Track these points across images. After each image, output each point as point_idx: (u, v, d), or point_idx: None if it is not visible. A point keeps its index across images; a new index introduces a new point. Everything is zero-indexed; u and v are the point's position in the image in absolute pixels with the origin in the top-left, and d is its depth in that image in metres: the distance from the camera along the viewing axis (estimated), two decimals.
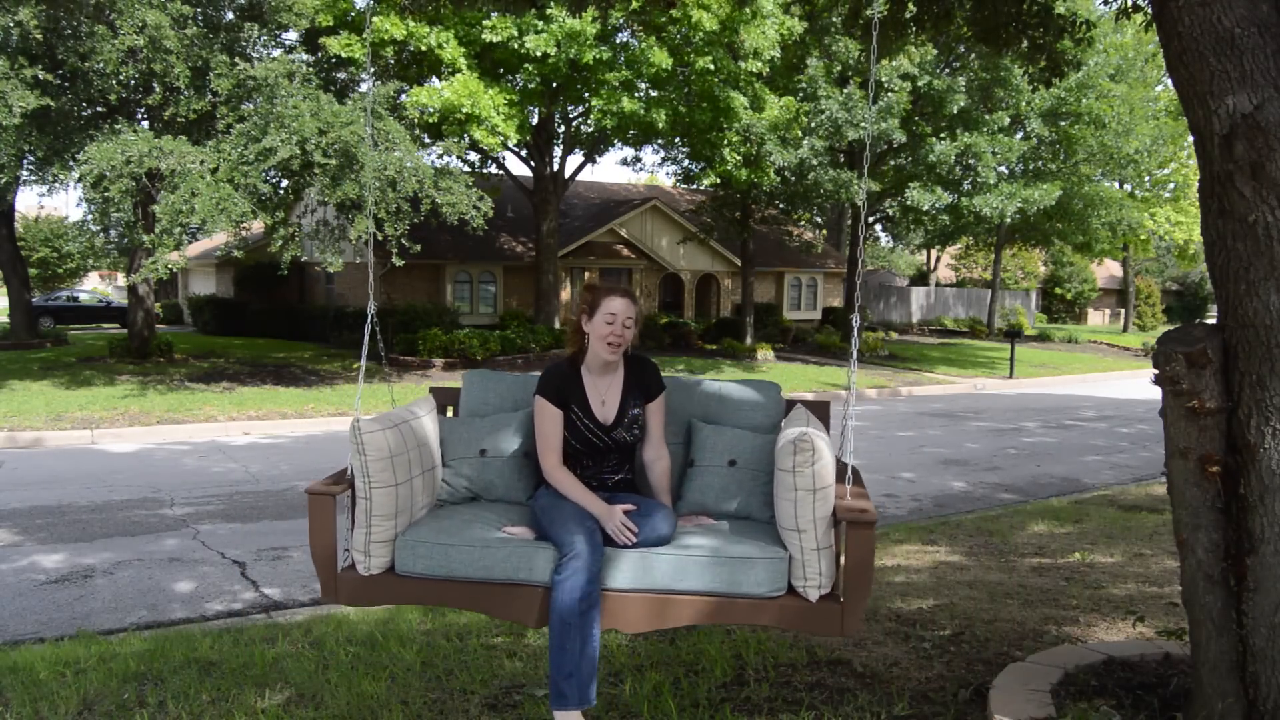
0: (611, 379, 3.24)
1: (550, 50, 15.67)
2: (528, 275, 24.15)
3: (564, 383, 3.20)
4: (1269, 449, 2.71)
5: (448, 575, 2.90)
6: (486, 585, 2.89)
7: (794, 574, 2.83)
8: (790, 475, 2.74)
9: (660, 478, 3.24)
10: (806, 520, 2.75)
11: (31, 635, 4.78)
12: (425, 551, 2.92)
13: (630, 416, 3.22)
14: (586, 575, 2.77)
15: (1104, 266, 49.02)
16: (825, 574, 2.80)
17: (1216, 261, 2.85)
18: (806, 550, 2.78)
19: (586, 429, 3.18)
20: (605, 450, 3.21)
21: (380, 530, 2.93)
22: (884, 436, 12.36)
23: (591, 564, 2.78)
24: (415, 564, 2.92)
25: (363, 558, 2.94)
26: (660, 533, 2.90)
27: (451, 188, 15.00)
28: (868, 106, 3.09)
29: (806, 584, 2.81)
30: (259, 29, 15.56)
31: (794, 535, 2.79)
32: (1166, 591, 5.01)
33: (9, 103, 12.69)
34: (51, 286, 36.43)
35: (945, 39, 18.64)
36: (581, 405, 3.19)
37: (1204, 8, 2.74)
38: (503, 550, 2.90)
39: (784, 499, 2.79)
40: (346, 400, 14.49)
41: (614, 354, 3.14)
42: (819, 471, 2.72)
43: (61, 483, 8.69)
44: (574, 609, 2.74)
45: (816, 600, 2.81)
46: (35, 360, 17.75)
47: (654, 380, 3.28)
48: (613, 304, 3.13)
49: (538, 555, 2.88)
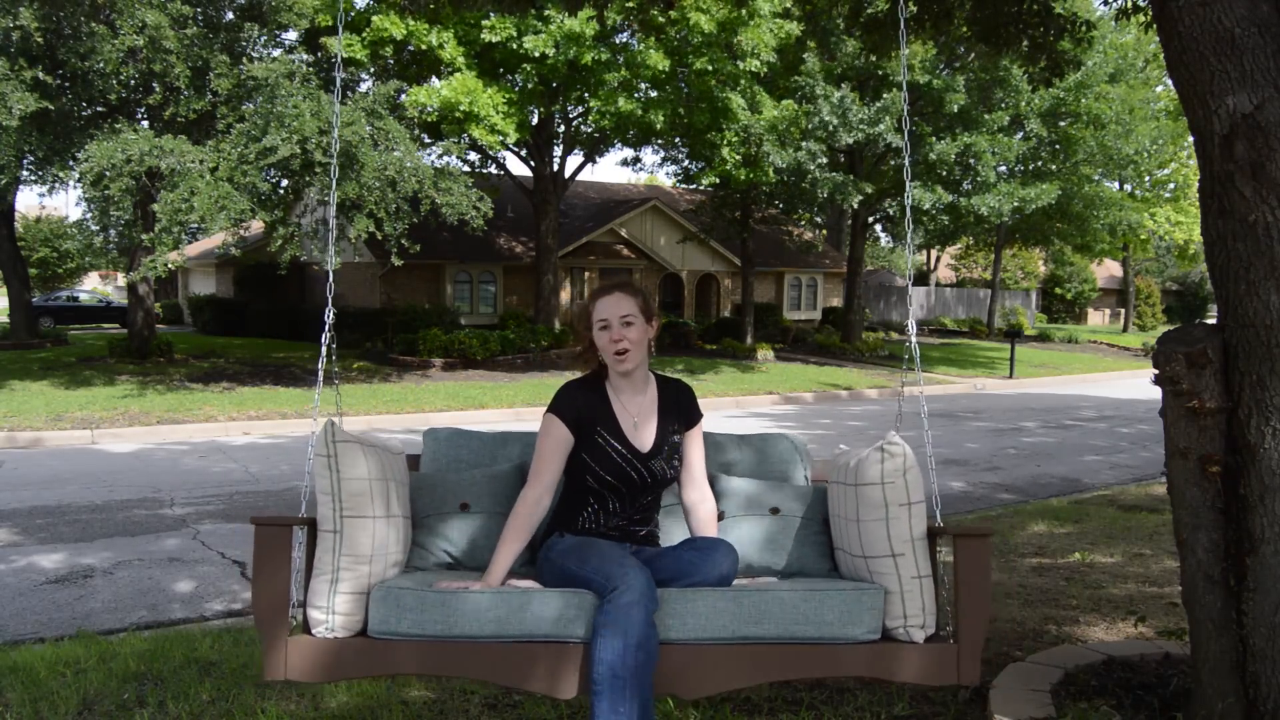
0: (642, 400, 2.69)
1: (549, 51, 15.68)
2: (528, 275, 24.16)
3: (585, 401, 2.63)
4: (1269, 449, 2.71)
5: (446, 634, 2.25)
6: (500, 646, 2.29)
7: (890, 613, 2.38)
8: (879, 489, 2.39)
9: (708, 524, 2.69)
10: (903, 541, 2.36)
11: (31, 635, 4.78)
12: (413, 602, 2.24)
13: (670, 445, 2.68)
14: (644, 614, 2.20)
15: (1104, 266, 49.00)
16: (928, 610, 2.40)
17: (1216, 261, 2.85)
18: (905, 579, 2.36)
19: (620, 457, 2.60)
20: (640, 486, 2.63)
21: (350, 577, 2.30)
22: (884, 437, 12.35)
23: (648, 601, 2.22)
24: (400, 620, 2.26)
25: (324, 615, 2.30)
26: (722, 570, 2.42)
27: (451, 188, 15.00)
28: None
29: (908, 623, 2.37)
30: (259, 29, 15.56)
31: (888, 563, 2.37)
32: (1166, 591, 5.01)
33: (9, 104, 12.69)
34: (51, 286, 36.42)
35: (945, 39, 18.66)
36: (610, 428, 2.61)
37: (1204, 8, 2.74)
38: (519, 598, 2.28)
39: (870, 520, 2.41)
40: (346, 400, 14.46)
41: (625, 362, 2.60)
42: (913, 482, 2.40)
43: (61, 483, 8.69)
44: (628, 659, 2.15)
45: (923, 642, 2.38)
46: (35, 360, 17.75)
47: (690, 404, 2.77)
48: (601, 308, 2.61)
49: (569, 600, 2.29)
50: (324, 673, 2.31)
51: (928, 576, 2.41)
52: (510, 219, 25.51)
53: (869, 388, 18.28)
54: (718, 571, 2.41)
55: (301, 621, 2.36)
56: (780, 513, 2.77)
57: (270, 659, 2.28)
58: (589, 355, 2.69)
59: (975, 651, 2.33)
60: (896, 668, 2.34)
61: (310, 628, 2.33)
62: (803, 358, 23.24)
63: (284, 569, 2.27)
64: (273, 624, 2.27)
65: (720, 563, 2.43)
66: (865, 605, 2.34)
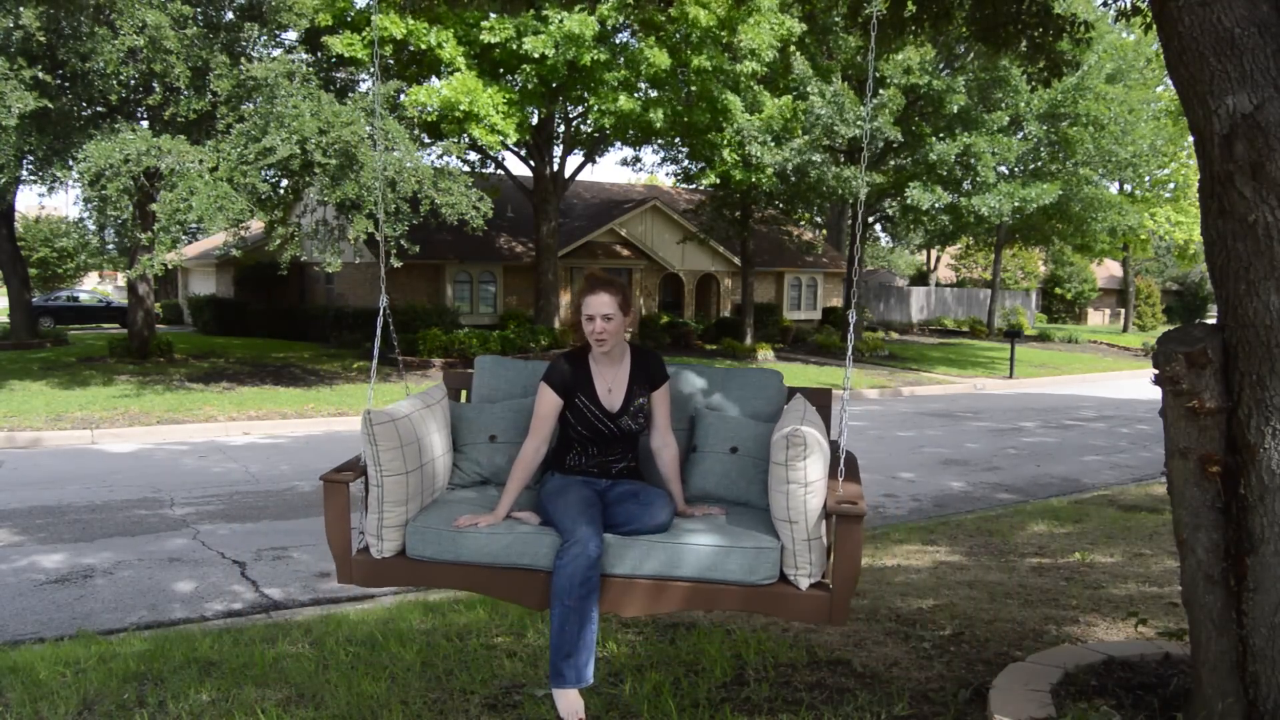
0: (618, 369, 3.33)
1: (549, 51, 15.67)
2: (528, 275, 24.15)
3: (571, 372, 3.29)
4: (1269, 449, 2.71)
5: (455, 559, 3.01)
6: (491, 570, 3.00)
7: (786, 563, 2.90)
8: (783, 469, 2.81)
9: (668, 465, 3.32)
10: (797, 513, 2.82)
11: (31, 635, 4.78)
12: (434, 537, 3.04)
13: (636, 405, 3.30)
14: (586, 561, 2.86)
15: (1104, 266, 49.01)
16: (815, 564, 2.88)
17: (1216, 261, 2.85)
18: (798, 541, 2.85)
19: (594, 416, 3.26)
20: (611, 438, 3.30)
21: (392, 516, 3.03)
22: (884, 436, 12.36)
23: (592, 550, 2.88)
24: (425, 549, 3.04)
25: (375, 542, 3.05)
26: (658, 521, 3.00)
27: (451, 188, 14.99)
28: (866, 102, 3.10)
29: (797, 573, 2.89)
30: (259, 29, 15.56)
31: (786, 526, 2.86)
32: (1166, 591, 5.01)
33: (8, 104, 12.69)
34: (51, 286, 36.41)
35: (945, 38, 18.65)
36: (588, 393, 3.28)
37: (1204, 8, 2.74)
38: (508, 537, 3.01)
39: (777, 491, 2.87)
40: (346, 400, 14.48)
41: (602, 347, 3.23)
42: (809, 466, 2.79)
43: (61, 483, 8.69)
44: (574, 593, 2.85)
45: (806, 589, 2.88)
46: (35, 360, 17.75)
47: (658, 370, 3.38)
48: (588, 304, 3.23)
49: (541, 541, 2.98)
50: (376, 580, 3.08)
51: (818, 539, 2.87)
52: (510, 219, 25.50)
53: (869, 388, 18.29)
54: (655, 521, 2.99)
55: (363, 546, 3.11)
56: (738, 452, 3.34)
57: (340, 570, 3.07)
58: (578, 332, 3.32)
59: (844, 599, 2.83)
60: (782, 607, 2.89)
61: (368, 549, 3.08)
62: (802, 358, 23.25)
63: (345, 511, 3.03)
64: (341, 548, 3.04)
65: (658, 514, 3.01)
66: (762, 560, 2.89)
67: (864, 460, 10.26)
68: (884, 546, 6.37)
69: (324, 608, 5.26)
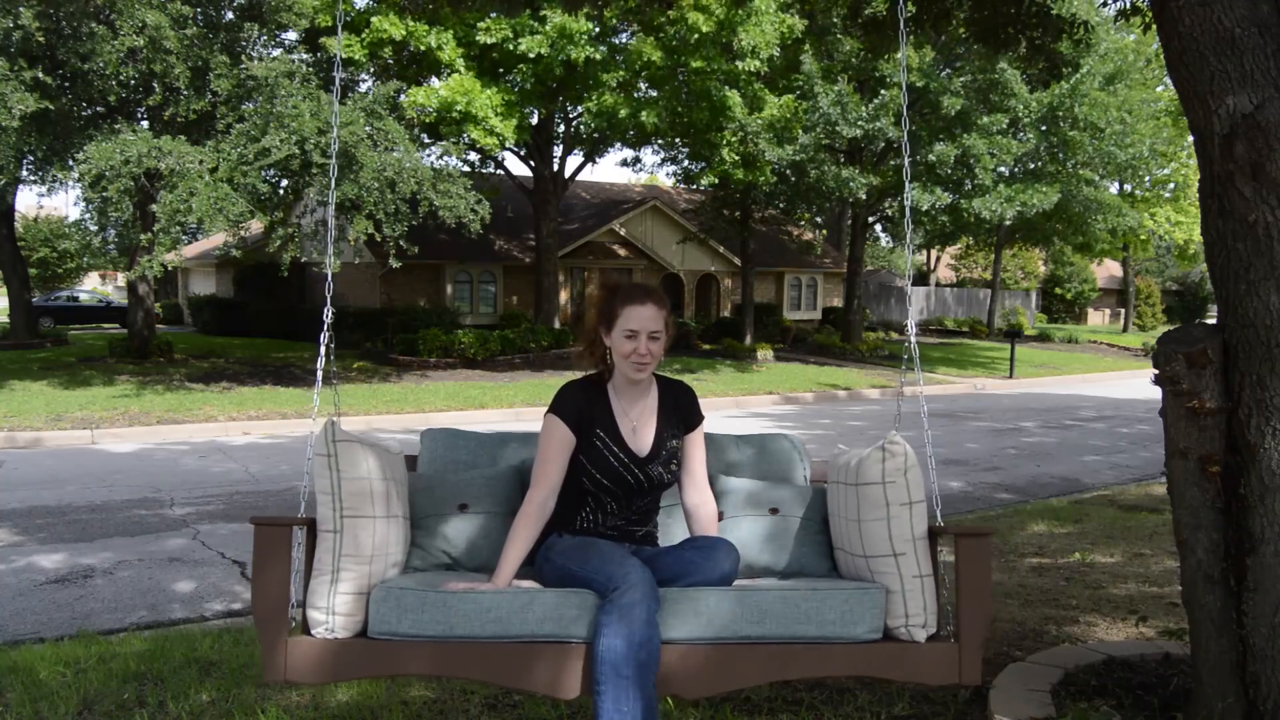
0: (643, 404, 2.66)
1: (544, 51, 15.67)
2: (528, 275, 24.16)
3: (586, 402, 2.60)
4: (1269, 449, 2.71)
5: (447, 635, 2.24)
6: (502, 645, 2.27)
7: (892, 613, 2.38)
8: (880, 488, 2.39)
9: (709, 527, 2.67)
10: (904, 540, 2.36)
11: (31, 635, 4.78)
12: (414, 602, 2.23)
13: (669, 449, 2.65)
14: (646, 613, 2.18)
15: (1104, 266, 49.00)
16: (929, 609, 2.40)
17: (1216, 261, 2.85)
18: (907, 578, 2.36)
19: (616, 460, 2.58)
20: (636, 490, 2.62)
21: (350, 577, 2.29)
22: (884, 437, 12.35)
23: (651, 600, 2.21)
24: (400, 621, 2.25)
25: (324, 616, 2.29)
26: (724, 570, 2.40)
27: (449, 190, 14.98)
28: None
29: (909, 622, 2.37)
30: (259, 29, 15.56)
31: (889, 562, 2.37)
32: (1166, 591, 5.01)
33: (9, 104, 12.69)
34: (51, 286, 36.41)
35: (944, 39, 18.64)
36: (609, 431, 2.59)
37: (1204, 8, 2.74)
38: (521, 598, 2.27)
39: (871, 520, 2.41)
40: (346, 400, 14.47)
41: (642, 373, 2.58)
42: (914, 481, 2.40)
43: (61, 483, 8.69)
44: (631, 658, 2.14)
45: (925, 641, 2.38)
46: (35, 360, 17.75)
47: (692, 407, 2.74)
48: (632, 316, 2.53)
49: (569, 600, 2.28)
50: (324, 674, 2.30)
51: (929, 575, 2.41)
52: (510, 219, 25.51)
53: (869, 388, 18.28)
54: (719, 571, 2.40)
55: (301, 622, 2.35)
56: (779, 513, 2.76)
57: (270, 660, 2.26)
58: (594, 351, 2.64)
59: (976, 650, 2.34)
60: (898, 667, 2.33)
61: (310, 628, 2.31)
62: (802, 358, 23.24)
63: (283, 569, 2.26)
64: (272, 624, 2.26)
65: (721, 562, 2.42)
66: (867, 604, 2.33)
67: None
68: None
69: None
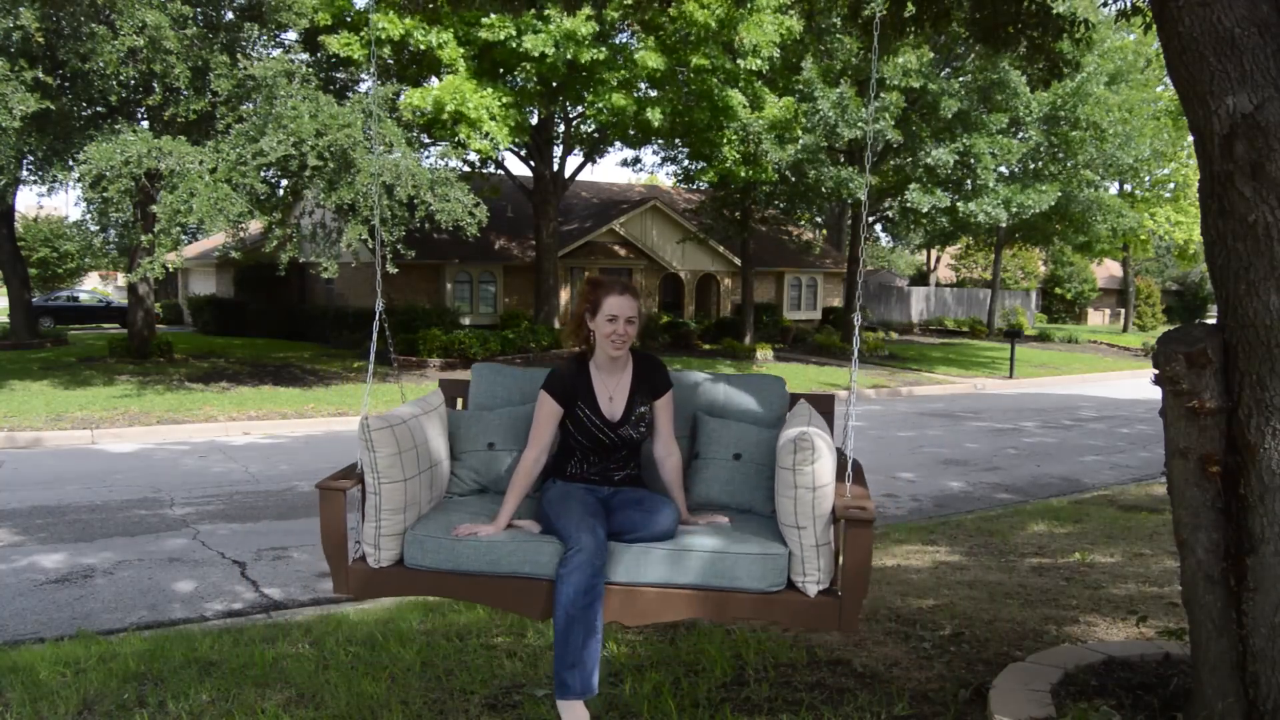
0: (620, 377, 3.27)
1: (548, 50, 15.66)
2: (528, 275, 24.15)
3: (571, 380, 3.23)
4: (1269, 449, 2.71)
5: (454, 568, 2.96)
6: (492, 578, 2.94)
7: (794, 570, 2.86)
8: (790, 473, 2.77)
9: (672, 474, 3.27)
10: (806, 517, 2.78)
11: (31, 635, 4.78)
12: (433, 546, 2.98)
13: (637, 414, 3.25)
14: (591, 569, 2.82)
15: (1104, 266, 49.00)
16: (824, 570, 2.84)
17: (1216, 261, 2.85)
18: (806, 547, 2.82)
19: (594, 426, 3.21)
20: (612, 447, 3.24)
21: (389, 524, 2.98)
22: (884, 436, 12.36)
23: (596, 558, 2.84)
24: (423, 557, 2.98)
25: (373, 551, 3.01)
26: (662, 527, 2.95)
27: (447, 193, 14.95)
28: (868, 103, 3.13)
29: (805, 580, 2.84)
30: (258, 29, 15.56)
31: (793, 531, 2.83)
32: (1166, 591, 5.01)
33: (9, 105, 12.69)
34: (51, 286, 36.40)
35: (944, 39, 18.64)
36: (589, 402, 3.22)
37: (1204, 8, 2.74)
38: (509, 545, 2.95)
39: (784, 496, 2.83)
40: (346, 400, 14.48)
41: (619, 351, 3.18)
42: (818, 470, 2.75)
43: (61, 483, 8.69)
44: (578, 601, 2.80)
45: (814, 595, 2.84)
46: (35, 360, 17.75)
47: (661, 378, 3.33)
48: (612, 304, 3.17)
49: (543, 549, 2.93)
50: (371, 591, 3.06)
51: (826, 545, 2.83)
52: (510, 219, 25.50)
53: (869, 387, 18.29)
54: (659, 528, 2.94)
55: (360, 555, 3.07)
56: (741, 458, 3.30)
57: (336, 581, 3.04)
58: (579, 333, 3.25)
59: (855, 607, 2.80)
60: (789, 614, 2.86)
61: (365, 559, 3.05)
62: (802, 358, 23.24)
63: (341, 517, 2.99)
64: (337, 555, 3.01)
65: (661, 521, 2.95)
66: (770, 567, 2.84)
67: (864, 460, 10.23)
68: (884, 546, 6.37)
69: (324, 608, 5.26)
